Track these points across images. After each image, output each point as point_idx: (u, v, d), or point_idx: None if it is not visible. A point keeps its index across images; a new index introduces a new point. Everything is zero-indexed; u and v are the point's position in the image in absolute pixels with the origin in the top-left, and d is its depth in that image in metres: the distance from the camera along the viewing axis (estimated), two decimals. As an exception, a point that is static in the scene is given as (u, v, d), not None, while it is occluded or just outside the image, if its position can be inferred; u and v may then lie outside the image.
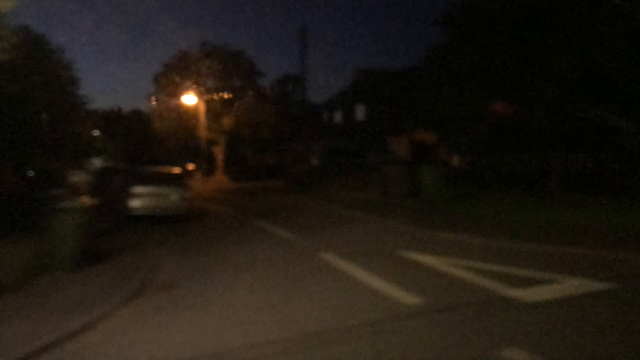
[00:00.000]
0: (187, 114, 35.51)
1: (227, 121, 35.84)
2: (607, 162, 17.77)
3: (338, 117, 40.45)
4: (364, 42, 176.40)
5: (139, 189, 13.63)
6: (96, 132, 50.79)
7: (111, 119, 56.49)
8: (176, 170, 16.56)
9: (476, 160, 24.47)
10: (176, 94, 35.39)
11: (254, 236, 11.24)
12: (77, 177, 16.39)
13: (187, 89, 34.80)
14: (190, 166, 40.52)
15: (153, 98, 38.79)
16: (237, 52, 37.31)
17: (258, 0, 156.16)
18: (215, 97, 35.32)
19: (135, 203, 13.48)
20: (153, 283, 7.22)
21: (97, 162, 43.07)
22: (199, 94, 34.37)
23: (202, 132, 34.26)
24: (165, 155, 44.02)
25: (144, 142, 48.24)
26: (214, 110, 34.99)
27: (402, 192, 18.05)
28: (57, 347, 4.77)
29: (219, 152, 37.86)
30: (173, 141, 38.97)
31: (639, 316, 5.32)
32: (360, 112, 36.58)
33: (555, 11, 14.49)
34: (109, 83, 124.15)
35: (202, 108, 34.07)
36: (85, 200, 10.46)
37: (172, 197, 13.86)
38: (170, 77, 35.67)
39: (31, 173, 20.82)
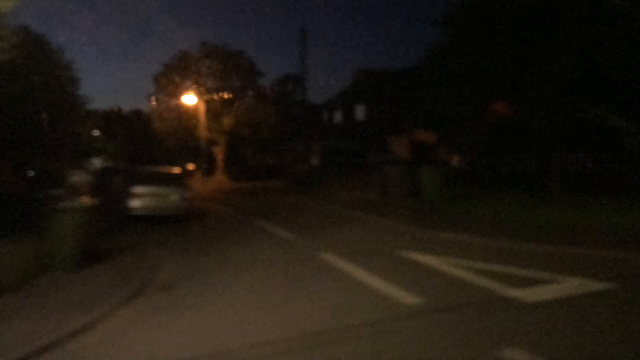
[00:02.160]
0: (187, 114, 35.49)
1: (227, 121, 35.82)
2: (607, 162, 17.75)
3: (338, 117, 40.44)
4: (364, 42, 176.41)
5: (139, 189, 13.63)
6: (96, 132, 50.81)
7: (111, 119, 56.47)
8: (176, 170, 16.56)
9: (476, 160, 24.43)
10: (176, 94, 35.37)
11: (254, 236, 11.24)
12: (77, 177, 16.43)
13: (187, 89, 34.76)
14: (190, 166, 40.48)
15: (153, 98, 38.80)
16: (237, 52, 37.31)
17: (258, 0, 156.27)
18: (215, 97, 35.29)
19: (135, 203, 13.48)
20: (153, 283, 7.21)
21: (97, 162, 43.10)
22: (199, 94, 34.34)
23: (202, 132, 34.24)
24: (165, 155, 43.99)
25: (144, 142, 48.23)
26: (214, 110, 34.96)
27: (402, 192, 18.05)
28: (57, 347, 4.77)
29: (219, 152, 37.84)
30: (173, 141, 38.96)
31: (639, 316, 5.32)
32: (360, 112, 36.58)
33: (555, 11, 14.50)
34: (109, 83, 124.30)
35: (202, 108, 34.04)
36: (85, 200, 10.46)
37: (172, 197, 13.87)
38: (170, 77, 35.65)
39: (31, 173, 20.79)
